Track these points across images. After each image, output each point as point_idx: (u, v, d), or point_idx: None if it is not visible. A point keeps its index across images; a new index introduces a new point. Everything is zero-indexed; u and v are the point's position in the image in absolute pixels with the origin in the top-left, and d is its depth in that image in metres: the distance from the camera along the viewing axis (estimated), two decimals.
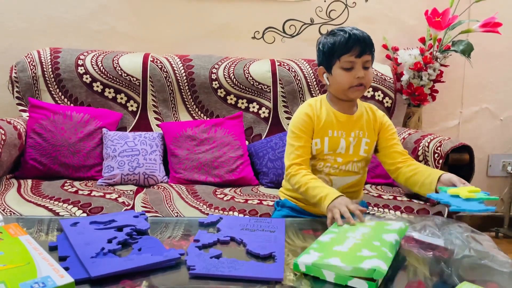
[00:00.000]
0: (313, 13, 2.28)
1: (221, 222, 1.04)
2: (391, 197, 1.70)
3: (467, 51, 2.13)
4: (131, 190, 1.70)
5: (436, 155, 1.60)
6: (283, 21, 2.27)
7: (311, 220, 1.16)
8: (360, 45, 1.16)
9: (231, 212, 1.54)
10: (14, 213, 1.44)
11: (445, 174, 1.11)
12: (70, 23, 2.15)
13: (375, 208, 1.60)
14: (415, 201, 1.67)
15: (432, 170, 1.17)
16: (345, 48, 1.17)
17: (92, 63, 1.99)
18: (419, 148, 1.69)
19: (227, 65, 2.07)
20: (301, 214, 1.28)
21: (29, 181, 1.71)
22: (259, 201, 1.62)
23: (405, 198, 1.70)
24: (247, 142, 2.02)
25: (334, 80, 1.22)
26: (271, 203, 1.58)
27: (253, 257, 0.84)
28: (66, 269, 0.72)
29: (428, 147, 1.65)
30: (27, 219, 1.07)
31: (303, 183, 1.16)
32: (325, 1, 2.28)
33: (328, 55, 1.21)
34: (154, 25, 2.20)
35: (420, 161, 1.67)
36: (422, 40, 2.24)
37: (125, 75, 2.00)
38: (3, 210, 1.44)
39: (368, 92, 2.11)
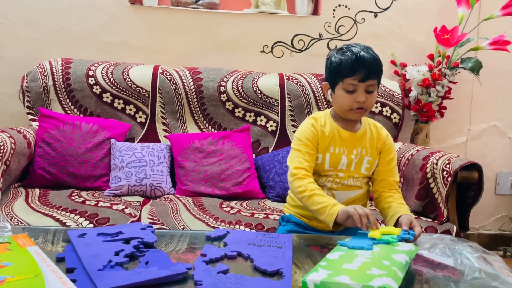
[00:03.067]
0: (322, 28, 2.29)
1: (228, 236, 1.03)
2: None
3: (476, 68, 2.13)
4: (137, 201, 1.70)
5: (445, 172, 1.59)
6: (292, 36, 2.28)
7: (318, 236, 1.15)
8: (365, 69, 1.14)
9: (237, 226, 1.53)
10: (21, 223, 1.44)
11: (403, 216, 1.12)
12: (82, 34, 2.18)
13: (383, 225, 1.58)
14: (423, 218, 1.66)
15: (399, 208, 1.17)
16: (350, 71, 1.15)
17: (103, 74, 2.01)
18: (427, 165, 1.67)
19: (236, 78, 2.09)
20: (305, 229, 1.27)
21: (37, 190, 1.72)
22: (265, 215, 1.61)
23: (413, 216, 1.68)
24: (254, 155, 2.02)
25: (335, 99, 1.22)
26: (277, 217, 1.57)
27: (260, 273, 0.84)
28: (74, 281, 0.72)
29: (436, 164, 1.64)
30: (34, 229, 1.07)
31: (309, 189, 1.14)
32: (334, 16, 2.29)
33: (333, 74, 1.20)
34: (164, 38, 2.22)
35: (428, 179, 1.66)
36: (431, 57, 2.25)
37: (135, 86, 2.02)
38: (11, 219, 1.44)
39: (376, 107, 2.11)
